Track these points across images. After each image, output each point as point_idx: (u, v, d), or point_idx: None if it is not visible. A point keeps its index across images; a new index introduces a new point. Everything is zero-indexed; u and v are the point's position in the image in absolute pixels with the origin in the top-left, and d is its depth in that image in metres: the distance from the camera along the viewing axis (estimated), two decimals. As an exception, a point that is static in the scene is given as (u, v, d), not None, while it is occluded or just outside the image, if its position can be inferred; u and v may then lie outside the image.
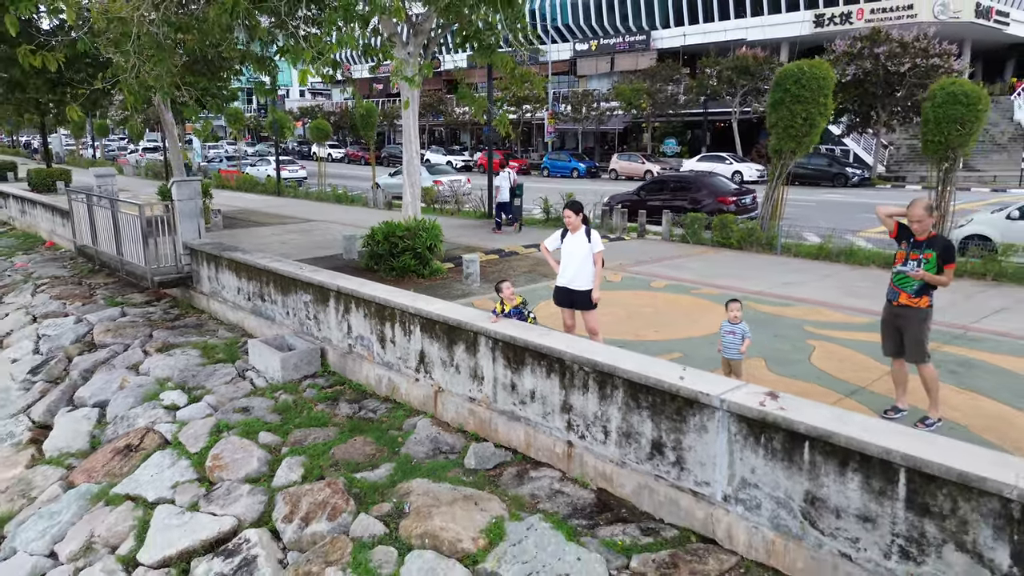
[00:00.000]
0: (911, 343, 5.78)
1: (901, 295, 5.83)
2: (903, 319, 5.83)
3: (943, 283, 5.66)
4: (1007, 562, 3.72)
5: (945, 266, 5.60)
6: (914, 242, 5.76)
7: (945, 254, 5.60)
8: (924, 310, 5.73)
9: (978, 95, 10.90)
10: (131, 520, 6.31)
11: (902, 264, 5.83)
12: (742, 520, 4.87)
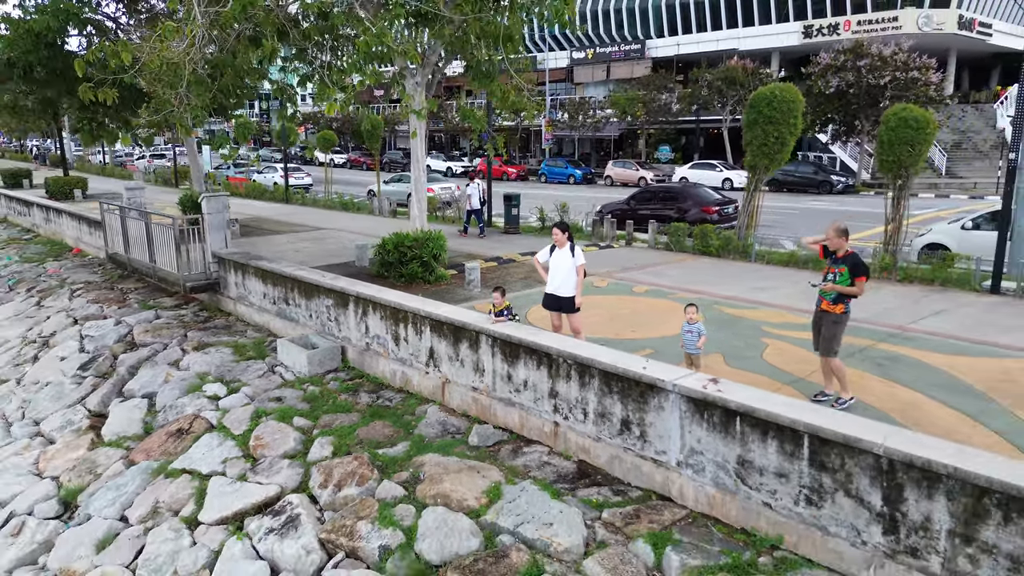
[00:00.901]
0: (823, 340, 7.05)
1: (823, 302, 7.10)
2: (823, 321, 7.09)
3: (854, 293, 6.91)
4: (879, 503, 4.96)
5: (855, 279, 6.84)
6: (833, 259, 7.02)
7: (855, 269, 6.85)
8: (839, 315, 6.98)
9: (926, 120, 12.15)
10: (189, 489, 7.55)
11: (823, 279, 7.12)
12: (691, 481, 6.11)
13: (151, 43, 9.03)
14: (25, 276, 17.25)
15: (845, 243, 7.00)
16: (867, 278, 6.95)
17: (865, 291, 7.05)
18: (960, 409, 6.82)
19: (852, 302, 7.11)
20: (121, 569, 6.78)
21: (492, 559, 5.61)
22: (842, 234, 6.99)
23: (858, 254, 7.06)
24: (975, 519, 4.53)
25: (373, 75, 8.83)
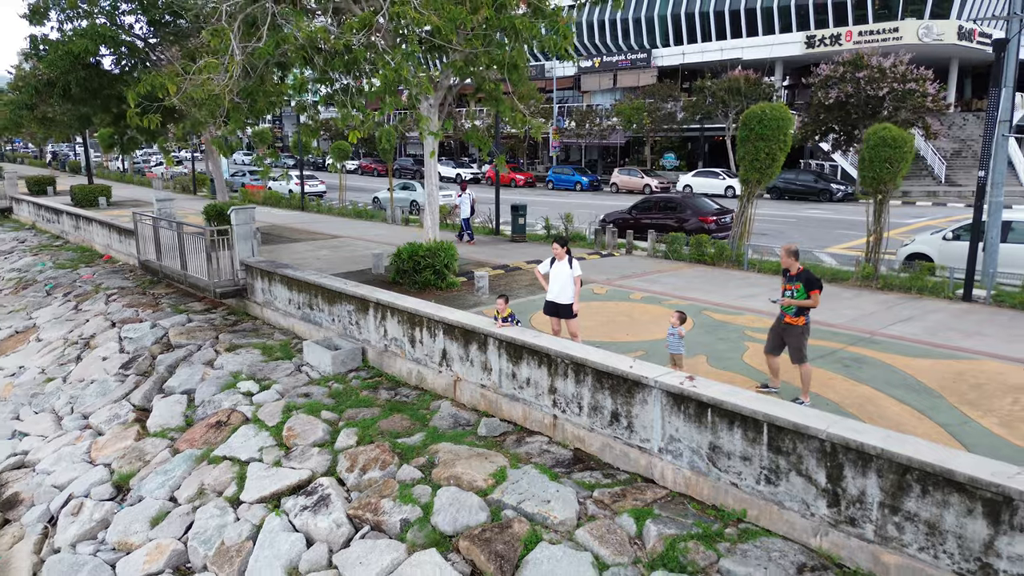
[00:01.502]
0: (792, 350, 7.95)
1: (785, 316, 8.00)
2: (786, 333, 7.99)
3: (811, 305, 7.83)
4: (824, 480, 5.88)
5: (810, 292, 7.77)
6: (788, 276, 7.96)
7: (808, 284, 7.78)
8: (801, 327, 7.89)
9: (904, 139, 13.02)
10: (231, 473, 8.54)
11: (781, 295, 8.05)
12: (670, 465, 7.04)
13: (192, 74, 10.04)
14: (61, 281, 18.34)
15: (796, 262, 7.96)
16: (820, 291, 7.87)
17: (819, 303, 7.96)
18: (911, 405, 7.72)
19: (826, 311, 8.02)
20: (174, 540, 7.77)
21: (498, 529, 6.57)
22: (792, 255, 7.95)
23: (810, 271, 8.00)
24: (900, 492, 5.44)
25: (391, 104, 9.80)
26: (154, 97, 10.21)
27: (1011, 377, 8.50)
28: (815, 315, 11.05)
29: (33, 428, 11.30)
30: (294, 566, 6.92)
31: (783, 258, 8.05)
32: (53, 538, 8.59)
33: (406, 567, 6.41)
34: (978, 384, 8.28)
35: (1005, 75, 13.07)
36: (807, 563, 5.79)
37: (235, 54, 9.27)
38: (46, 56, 16.09)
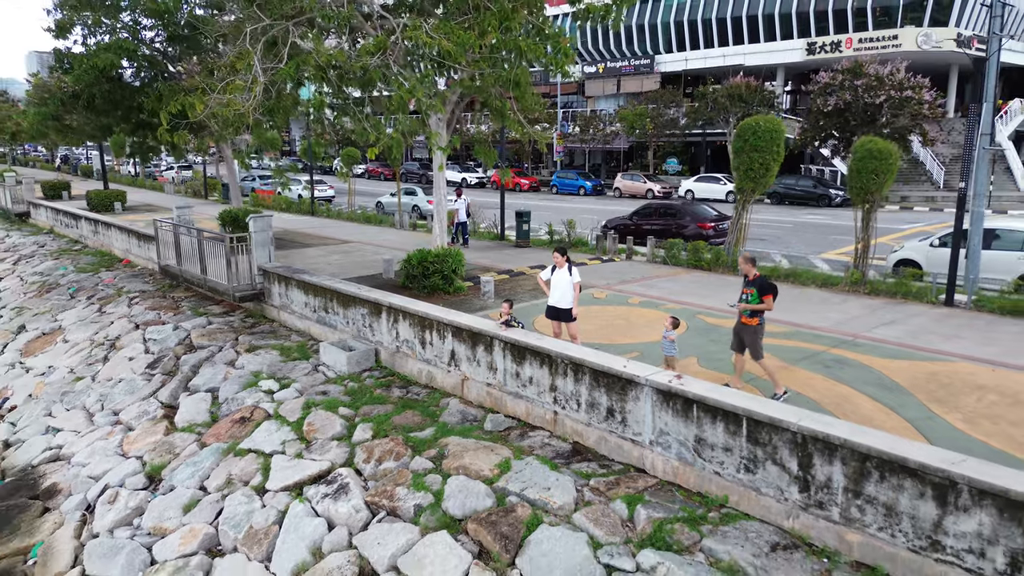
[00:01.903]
0: (749, 347, 8.70)
1: (742, 318, 8.73)
2: (744, 333, 8.73)
3: (764, 308, 8.57)
4: (796, 468, 6.54)
5: (763, 296, 8.51)
6: (746, 281, 8.68)
7: (761, 290, 8.53)
8: (755, 327, 8.63)
9: (889, 151, 13.65)
10: (256, 465, 9.24)
11: (739, 299, 8.79)
12: (660, 456, 7.71)
13: (217, 92, 10.77)
14: (84, 285, 19.10)
15: (753, 268, 8.75)
16: (774, 296, 8.63)
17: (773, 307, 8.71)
18: (883, 402, 8.38)
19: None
20: (206, 525, 8.47)
21: (503, 513, 7.25)
22: (749, 262, 8.75)
23: (765, 277, 8.78)
24: (861, 478, 6.11)
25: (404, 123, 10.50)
26: (182, 114, 10.93)
27: (980, 378, 9.15)
28: (803, 319, 11.78)
29: (66, 424, 12.03)
30: (317, 547, 7.61)
31: (741, 264, 8.87)
32: (91, 524, 9.30)
33: (420, 547, 7.09)
34: (948, 384, 8.93)
35: (985, 91, 13.70)
36: (780, 542, 6.46)
37: (259, 76, 9.99)
38: (72, 70, 16.86)
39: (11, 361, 15.43)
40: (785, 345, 10.60)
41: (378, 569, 7.08)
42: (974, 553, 5.54)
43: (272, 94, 11.34)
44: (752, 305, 8.63)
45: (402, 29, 10.32)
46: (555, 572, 6.39)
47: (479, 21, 10.71)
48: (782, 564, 6.16)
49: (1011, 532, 5.33)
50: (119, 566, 8.26)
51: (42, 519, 9.81)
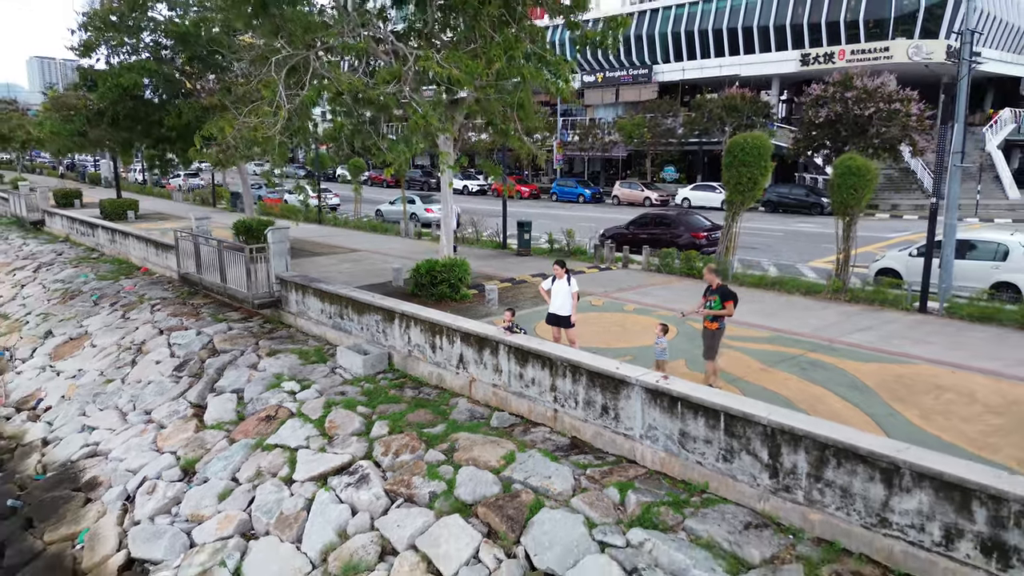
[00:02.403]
0: (705, 348, 9.75)
1: (705, 322, 9.72)
2: (704, 334, 9.75)
3: (726, 314, 9.58)
4: (766, 457, 7.46)
5: (725, 303, 9.52)
6: (709, 290, 9.68)
7: (723, 297, 9.60)
8: (715, 330, 9.66)
9: (867, 168, 14.61)
10: (283, 458, 10.15)
11: (701, 306, 9.80)
12: (649, 448, 8.63)
13: (244, 116, 11.72)
14: (106, 292, 20.02)
15: (716, 278, 9.86)
16: (735, 303, 9.67)
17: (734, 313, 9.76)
18: (851, 401, 9.30)
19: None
20: (240, 512, 9.38)
21: (508, 498, 8.16)
22: (713, 272, 9.81)
23: (726, 286, 9.82)
24: (821, 464, 7.02)
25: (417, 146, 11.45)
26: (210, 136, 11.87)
27: (941, 379, 10.07)
28: (785, 325, 12.72)
29: (100, 423, 12.94)
30: (343, 529, 8.52)
31: (706, 275, 9.98)
32: (132, 512, 10.21)
33: (435, 528, 8.00)
34: (911, 384, 9.85)
35: (957, 112, 14.65)
36: (752, 522, 7.37)
37: (283, 102, 10.94)
38: (97, 88, 17.81)
39: (41, 365, 16.34)
40: (766, 349, 11.53)
41: (398, 548, 7.99)
42: (915, 528, 6.45)
43: (295, 119, 12.28)
44: (715, 311, 9.61)
45: (415, 59, 11.27)
46: (555, 548, 7.30)
47: (485, 50, 11.67)
48: (753, 540, 7.07)
49: (945, 509, 6.24)
50: (162, 548, 9.17)
51: (85, 509, 10.71)
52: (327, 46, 12.00)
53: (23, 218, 34.42)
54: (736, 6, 48.88)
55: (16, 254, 28.12)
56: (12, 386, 15.81)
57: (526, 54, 12.43)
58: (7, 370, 16.80)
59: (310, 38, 11.79)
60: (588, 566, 7.00)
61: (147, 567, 9.13)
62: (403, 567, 7.67)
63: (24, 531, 10.62)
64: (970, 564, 6.15)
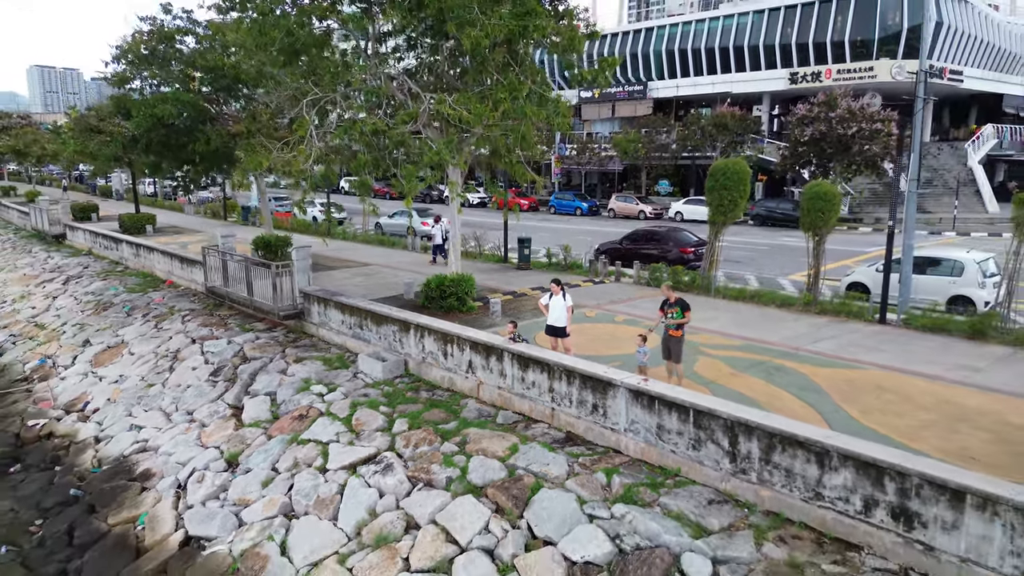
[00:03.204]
0: (674, 353, 11.33)
1: (668, 331, 11.33)
2: (670, 342, 11.35)
3: (685, 322, 11.23)
4: (727, 445, 9.03)
5: (684, 313, 11.17)
6: (667, 303, 11.33)
7: (683, 307, 11.30)
8: (678, 338, 11.26)
9: (833, 193, 16.24)
10: (316, 451, 11.70)
11: (663, 318, 11.42)
12: (632, 439, 10.19)
13: (278, 150, 13.32)
14: (136, 304, 21.58)
15: (673, 293, 11.59)
16: (690, 311, 11.35)
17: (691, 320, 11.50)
18: (805, 400, 10.87)
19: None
20: (282, 496, 10.91)
21: (513, 481, 9.72)
22: (670, 288, 11.60)
23: (683, 298, 11.52)
24: (770, 450, 8.59)
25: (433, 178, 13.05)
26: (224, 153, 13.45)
27: (885, 382, 11.65)
28: (757, 334, 14.32)
29: (147, 422, 14.49)
30: (372, 508, 10.07)
31: (663, 290, 11.88)
32: (185, 498, 11.75)
33: (451, 506, 9.56)
34: (858, 386, 11.43)
35: (914, 142, 16.30)
36: (715, 499, 8.93)
37: (314, 140, 12.55)
38: (133, 117, 19.43)
39: (84, 371, 17.88)
40: (738, 356, 13.12)
41: (420, 522, 9.54)
42: (842, 500, 8.01)
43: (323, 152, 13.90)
44: (678, 320, 11.26)
45: (429, 100, 12.90)
46: (553, 520, 8.86)
47: (492, 93, 13.30)
48: (714, 512, 8.63)
49: (864, 483, 7.81)
50: (216, 526, 10.72)
51: (141, 496, 12.26)
52: (351, 88, 13.62)
53: (45, 231, 35.97)
54: (728, 26, 50.71)
55: (43, 267, 29.68)
56: (58, 390, 17.36)
57: (528, 94, 14.05)
58: (51, 376, 18.35)
59: (337, 81, 13.41)
60: (579, 533, 8.56)
61: (203, 543, 10.66)
62: (426, 538, 9.22)
63: (88, 515, 12.18)
64: (884, 528, 7.72)
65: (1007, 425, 9.85)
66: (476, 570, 8.50)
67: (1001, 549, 6.91)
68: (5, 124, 57.15)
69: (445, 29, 12.97)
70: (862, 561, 7.65)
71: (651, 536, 8.29)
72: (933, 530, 7.35)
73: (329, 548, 9.63)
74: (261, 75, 15.73)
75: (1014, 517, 6.79)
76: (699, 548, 8.01)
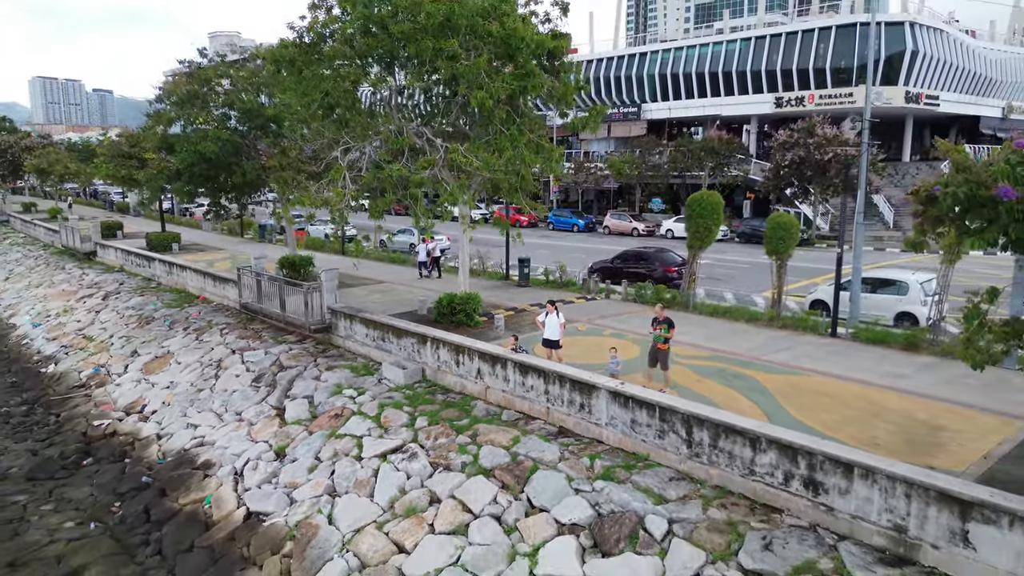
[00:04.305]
0: (662, 362, 13.72)
1: (657, 344, 13.75)
2: (659, 354, 13.76)
3: (671, 336, 13.60)
4: (684, 434, 11.46)
5: (671, 329, 13.53)
6: (656, 320, 13.74)
7: (669, 324, 13.60)
8: (665, 350, 13.63)
9: (791, 223, 18.73)
10: (352, 443, 14.11)
11: (653, 332, 13.83)
12: (611, 431, 12.62)
13: (315, 190, 15.81)
14: (176, 318, 24.02)
15: (663, 312, 13.86)
16: (674, 328, 13.72)
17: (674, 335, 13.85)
18: (753, 400, 13.30)
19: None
20: (326, 479, 13.32)
21: (515, 465, 12.14)
22: (663, 309, 13.86)
23: (669, 317, 13.87)
24: (717, 438, 11.02)
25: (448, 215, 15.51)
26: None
27: (823, 386, 14.08)
28: (724, 346, 16.76)
29: (201, 421, 16.90)
30: (402, 487, 12.48)
31: (657, 310, 14.33)
32: (243, 483, 14.15)
33: (466, 484, 11.97)
34: (800, 389, 13.87)
35: (860, 180, 18.81)
36: (675, 477, 11.34)
37: (348, 184, 15.06)
38: (177, 153, 21.96)
39: (137, 378, 20.31)
40: (705, 365, 15.55)
41: (441, 497, 11.95)
42: (768, 474, 10.43)
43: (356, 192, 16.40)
44: (665, 335, 13.67)
45: (445, 150, 15.42)
46: (547, 493, 11.27)
47: (497, 144, 15.81)
48: (673, 486, 11.04)
49: (784, 461, 10.23)
50: (272, 504, 13.13)
51: (205, 481, 14.67)
52: (378, 136, 16.14)
53: (75, 249, 38.40)
54: (717, 52, 53.48)
55: (79, 283, 32.14)
56: (115, 395, 19.79)
57: (528, 143, 16.57)
58: (107, 383, 20.78)
59: (366, 131, 15.93)
60: (567, 502, 10.98)
61: (262, 517, 13.07)
62: (446, 508, 11.64)
63: (160, 498, 14.60)
64: (798, 495, 10.14)
65: (912, 420, 12.28)
66: (487, 531, 10.93)
67: (879, 507, 9.33)
68: (28, 144, 59.72)
69: (457, 89, 15.50)
70: (782, 520, 10.07)
71: (623, 504, 10.71)
72: (833, 495, 9.77)
73: (368, 518, 12.04)
74: (302, 123, 18.12)
75: (887, 483, 9.22)
76: (659, 512, 10.43)
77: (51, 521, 14.27)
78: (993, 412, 12.55)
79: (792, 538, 9.60)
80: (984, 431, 11.73)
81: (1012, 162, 8.61)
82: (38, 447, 17.77)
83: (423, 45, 14.77)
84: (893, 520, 9.19)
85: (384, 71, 17.05)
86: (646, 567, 9.57)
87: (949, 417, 12.33)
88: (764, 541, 9.58)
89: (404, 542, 11.23)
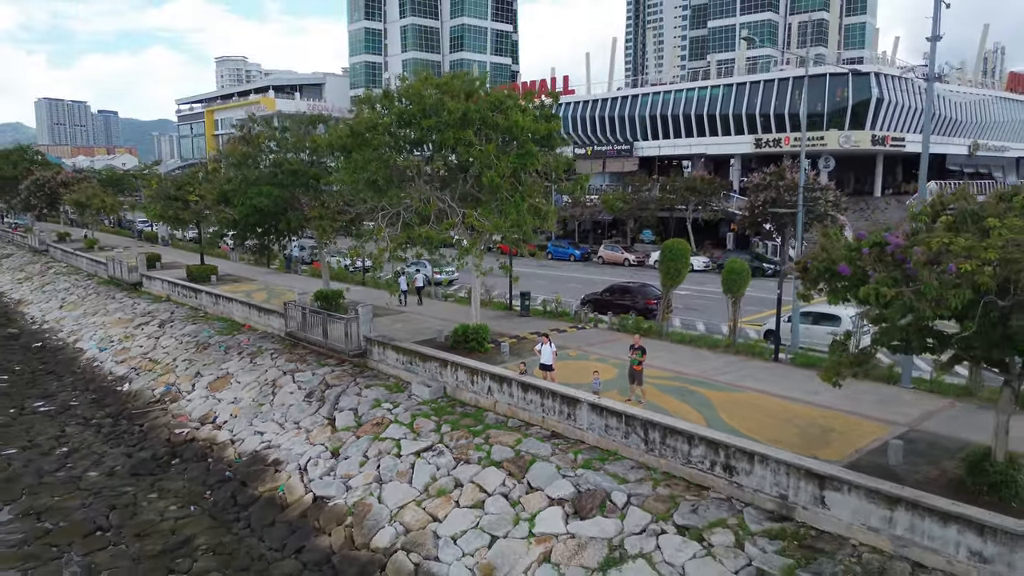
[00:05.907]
0: (636, 380, 17.87)
1: (634, 367, 17.93)
2: (634, 374, 17.92)
3: (644, 360, 17.78)
4: (643, 435, 15.65)
5: (643, 356, 17.72)
6: (633, 347, 17.93)
7: (642, 351, 17.76)
8: (639, 371, 17.79)
9: (743, 268, 23.01)
10: (392, 444, 18.29)
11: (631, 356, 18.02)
12: (591, 434, 16.80)
13: (360, 244, 20.16)
14: (229, 344, 28.25)
15: (639, 342, 17.98)
16: (646, 354, 17.86)
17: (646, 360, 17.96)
18: (700, 411, 17.46)
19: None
20: (374, 471, 17.48)
21: (518, 458, 16.33)
22: (640, 337, 18.03)
23: (643, 345, 18.00)
24: (665, 437, 15.21)
25: (463, 265, 19.82)
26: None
27: (756, 400, 18.25)
28: (684, 369, 20.91)
29: (266, 430, 21.08)
30: (433, 475, 16.65)
31: (635, 339, 18.20)
32: (307, 475, 18.31)
33: (482, 473, 16.13)
34: (737, 403, 18.03)
35: (798, 230, 23.12)
36: (635, 466, 15.51)
37: (387, 241, 19.38)
38: (234, 205, 26.32)
39: (204, 395, 24.49)
40: (666, 384, 19.74)
41: (463, 482, 16.11)
42: (701, 462, 14.60)
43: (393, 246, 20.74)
44: (640, 358, 17.85)
45: (463, 215, 19.78)
46: (542, 478, 15.44)
47: (504, 209, 20.15)
48: (633, 473, 15.21)
49: (710, 452, 14.41)
50: (333, 490, 17.29)
51: (276, 475, 18.82)
52: (410, 201, 20.51)
53: (121, 279, 42.58)
54: (703, 96, 58.23)
55: (133, 311, 36.39)
56: (188, 408, 23.97)
57: (528, 208, 20.92)
58: (179, 399, 24.96)
59: (401, 197, 20.31)
60: (557, 484, 15.16)
61: (325, 500, 17.21)
62: (468, 490, 15.82)
63: (242, 487, 18.74)
64: (720, 477, 14.31)
65: (813, 424, 16.46)
66: (498, 504, 15.11)
67: (770, 483, 13.51)
68: (64, 179, 64.29)
69: (471, 169, 19.90)
70: (708, 495, 14.23)
71: (596, 484, 14.89)
72: (742, 476, 13.96)
73: (409, 498, 16.21)
74: (352, 192, 22.28)
75: (775, 466, 13.41)
76: (622, 489, 14.61)
77: (158, 506, 18.41)
78: (876, 420, 16.73)
79: (712, 505, 13.79)
80: (864, 433, 15.92)
81: (850, 247, 12.98)
82: (131, 451, 21.93)
83: (446, 135, 19.20)
84: (779, 491, 13.37)
85: (413, 150, 21.48)
86: (610, 525, 13.74)
87: (841, 423, 16.52)
88: (692, 507, 13.77)
89: (437, 514, 15.39)
